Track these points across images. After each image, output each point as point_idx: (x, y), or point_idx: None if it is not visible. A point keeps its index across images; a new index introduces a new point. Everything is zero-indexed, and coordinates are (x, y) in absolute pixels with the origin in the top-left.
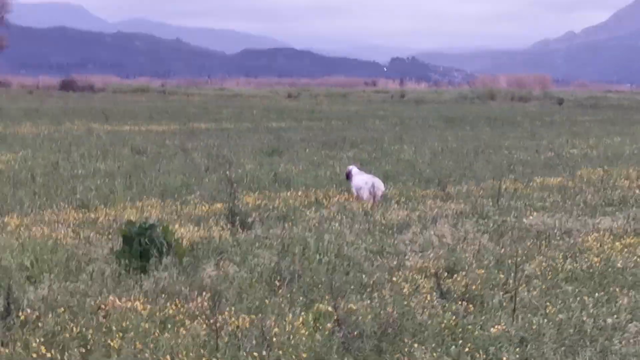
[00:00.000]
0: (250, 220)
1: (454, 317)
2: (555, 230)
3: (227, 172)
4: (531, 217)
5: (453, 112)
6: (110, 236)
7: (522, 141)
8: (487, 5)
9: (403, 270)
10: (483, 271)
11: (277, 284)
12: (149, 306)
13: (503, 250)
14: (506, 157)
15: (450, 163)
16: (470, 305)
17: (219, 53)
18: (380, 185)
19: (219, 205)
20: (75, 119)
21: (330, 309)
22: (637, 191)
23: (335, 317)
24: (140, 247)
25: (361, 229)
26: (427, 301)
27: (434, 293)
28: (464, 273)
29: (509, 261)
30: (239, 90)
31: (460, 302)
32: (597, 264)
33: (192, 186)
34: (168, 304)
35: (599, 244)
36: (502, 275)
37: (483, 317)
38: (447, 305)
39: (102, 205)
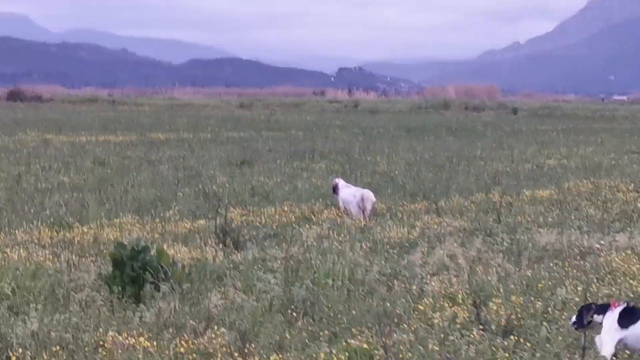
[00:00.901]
0: (242, 239)
1: (506, 355)
2: (573, 249)
3: (203, 187)
4: (541, 235)
5: (411, 122)
6: (94, 259)
7: (493, 152)
8: (433, 16)
9: (426, 297)
10: (516, 298)
11: (293, 314)
12: (154, 342)
13: (528, 273)
14: (484, 169)
15: (429, 175)
16: (521, 339)
17: (165, 63)
18: (370, 197)
19: (202, 222)
20: (28, 129)
21: (366, 345)
22: (638, 204)
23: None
24: (133, 272)
25: (364, 248)
26: (469, 335)
27: (473, 324)
28: (498, 301)
29: (539, 285)
30: (189, 100)
31: (505, 335)
32: (638, 288)
33: (167, 201)
34: (177, 339)
35: (626, 265)
36: (539, 303)
37: (538, 355)
38: (492, 339)
39: (75, 222)
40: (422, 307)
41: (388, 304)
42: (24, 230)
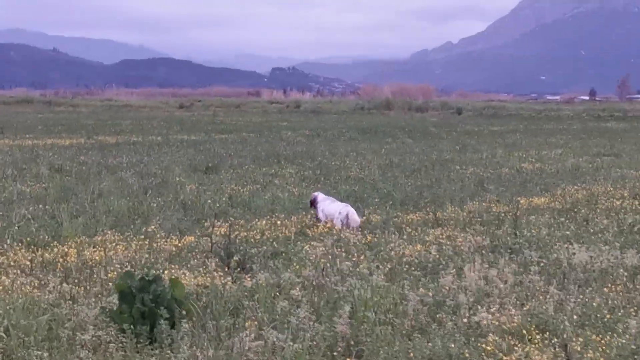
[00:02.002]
0: (246, 260)
1: None
2: (617, 269)
3: (175, 196)
4: (570, 252)
5: (359, 123)
6: (89, 287)
7: (461, 155)
8: (366, 16)
9: (486, 333)
10: (594, 335)
11: (346, 358)
12: None
13: (580, 298)
14: (463, 174)
15: (408, 181)
16: None
17: (97, 63)
18: (355, 217)
19: (190, 238)
20: None
21: None
22: None
23: None
24: (144, 307)
25: (382, 269)
26: None
27: None
28: (580, 339)
29: (608, 316)
30: (127, 101)
31: None
32: None
33: (142, 213)
34: None
35: None
36: (619, 340)
37: None
38: None
39: (51, 239)
40: (489, 348)
41: (449, 344)
42: None
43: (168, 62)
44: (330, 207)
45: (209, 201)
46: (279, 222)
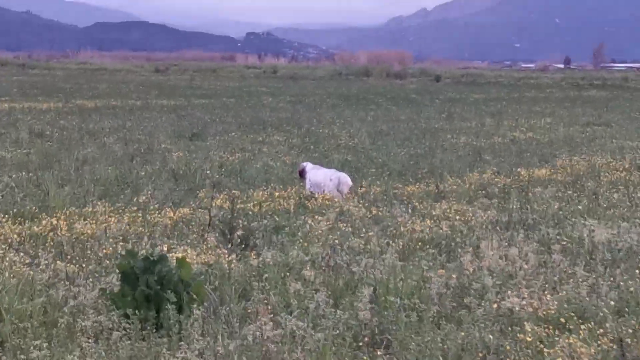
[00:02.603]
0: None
1: None
2: None
3: (164, 164)
4: (589, 229)
5: (339, 89)
6: (84, 265)
7: (449, 123)
8: None
9: (520, 321)
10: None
11: (371, 349)
12: None
13: (623, 285)
14: (456, 143)
15: (401, 150)
16: None
17: (70, 26)
18: (347, 180)
19: (185, 210)
20: None
21: None
22: None
23: None
24: (149, 289)
25: (393, 247)
26: None
27: None
28: (630, 330)
29: None
30: (101, 64)
31: None
32: None
33: (131, 182)
34: None
35: None
36: None
37: None
38: None
39: (38, 211)
40: (528, 339)
41: (485, 334)
42: None
43: (142, 25)
44: (318, 175)
45: (202, 170)
46: (276, 194)
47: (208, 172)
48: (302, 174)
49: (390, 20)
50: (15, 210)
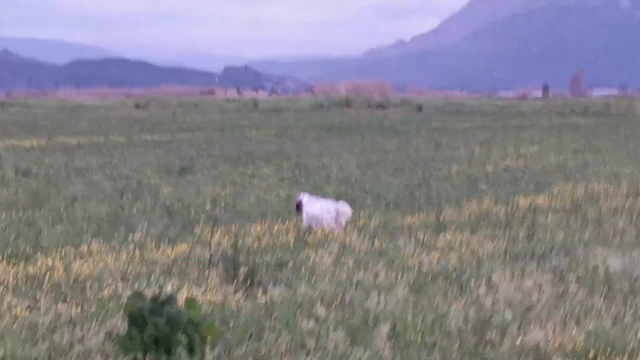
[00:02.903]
0: (255, 273)
1: None
2: None
3: (155, 200)
4: (605, 258)
5: (322, 120)
6: (85, 308)
7: (439, 152)
8: (319, 14)
9: (545, 356)
10: None
11: None
12: None
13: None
14: (449, 172)
15: (394, 180)
16: None
17: (48, 64)
18: (345, 210)
19: (184, 246)
20: None
21: None
22: None
23: None
24: (157, 332)
25: (410, 281)
26: None
27: None
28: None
29: None
30: (81, 102)
31: None
32: None
33: (124, 219)
34: None
35: None
36: None
37: None
38: None
39: (32, 251)
40: None
41: None
42: None
43: (120, 61)
44: (315, 207)
45: (195, 205)
46: (275, 227)
47: (202, 208)
48: (298, 206)
49: (368, 51)
50: (9, 250)
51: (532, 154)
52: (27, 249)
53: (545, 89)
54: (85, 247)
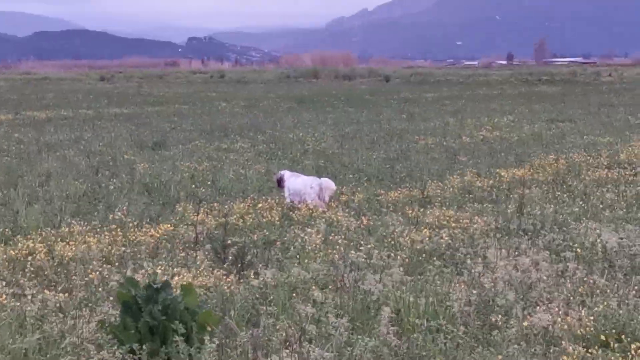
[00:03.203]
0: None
1: None
2: None
3: (131, 176)
4: (599, 234)
5: (292, 92)
6: (74, 293)
7: (411, 124)
8: None
9: (556, 340)
10: None
11: None
12: None
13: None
14: (425, 145)
15: (373, 154)
16: None
17: (10, 36)
18: (329, 185)
19: (167, 226)
20: None
21: None
22: None
23: None
24: (153, 321)
25: (404, 261)
26: None
27: None
28: None
29: None
30: (45, 74)
31: None
32: None
33: (102, 197)
34: None
35: None
36: None
37: None
38: None
39: (11, 233)
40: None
41: (519, 357)
42: None
43: (83, 33)
44: (297, 183)
45: (174, 182)
46: (258, 205)
47: (181, 184)
48: (280, 182)
49: (332, 21)
50: None
51: (506, 124)
52: (6, 231)
53: (510, 58)
54: (67, 228)
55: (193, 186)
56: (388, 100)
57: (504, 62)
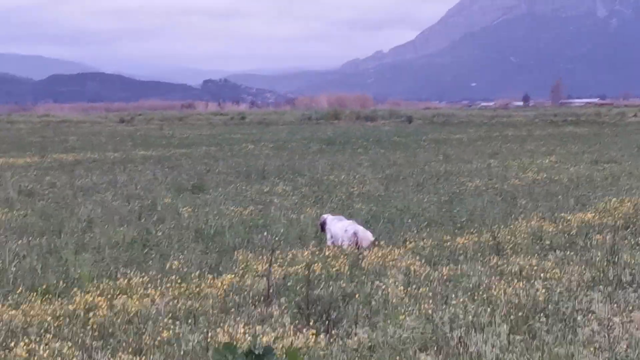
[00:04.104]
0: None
1: None
2: None
3: (180, 222)
4: None
5: (317, 134)
6: (149, 357)
7: (452, 165)
8: (297, 27)
9: None
10: None
11: None
12: None
13: None
14: (479, 188)
15: (423, 197)
16: None
17: (26, 79)
18: (365, 235)
19: (228, 277)
20: None
21: None
22: None
23: None
24: None
25: (507, 317)
26: None
27: None
28: None
29: None
30: (64, 117)
31: None
32: None
33: (154, 245)
34: None
35: None
36: None
37: None
38: None
39: (66, 285)
40: None
41: None
42: (7, 302)
43: (98, 76)
44: (336, 227)
45: (222, 227)
46: (327, 253)
47: (234, 230)
48: (323, 226)
49: (346, 63)
50: (44, 286)
51: (549, 166)
52: (59, 283)
53: (526, 99)
54: (123, 279)
55: (247, 232)
56: (418, 141)
57: (520, 103)
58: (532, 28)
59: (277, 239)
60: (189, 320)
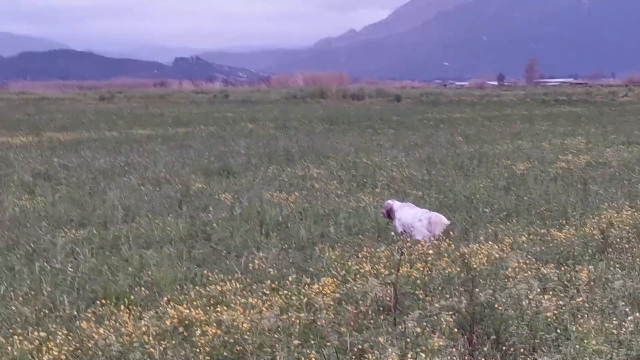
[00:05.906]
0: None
1: None
2: None
3: (233, 211)
4: None
5: (311, 113)
6: None
7: (479, 146)
8: (269, 5)
9: None
10: None
11: None
12: None
13: None
14: (527, 172)
15: (478, 182)
16: None
17: None
18: (440, 220)
19: (330, 281)
20: None
21: None
22: None
23: None
24: None
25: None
26: None
27: None
28: None
29: None
30: (43, 94)
31: None
32: None
33: (221, 240)
34: None
35: None
36: None
37: None
38: None
39: (148, 292)
40: None
41: None
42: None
43: (68, 53)
44: (408, 215)
45: (284, 217)
46: (430, 251)
47: (301, 221)
48: (389, 213)
49: (319, 41)
50: (131, 296)
51: (583, 148)
52: (140, 290)
53: (501, 79)
54: (219, 287)
55: (324, 226)
56: (421, 121)
57: (495, 82)
58: (504, 8)
59: (351, 230)
60: (312, 340)
